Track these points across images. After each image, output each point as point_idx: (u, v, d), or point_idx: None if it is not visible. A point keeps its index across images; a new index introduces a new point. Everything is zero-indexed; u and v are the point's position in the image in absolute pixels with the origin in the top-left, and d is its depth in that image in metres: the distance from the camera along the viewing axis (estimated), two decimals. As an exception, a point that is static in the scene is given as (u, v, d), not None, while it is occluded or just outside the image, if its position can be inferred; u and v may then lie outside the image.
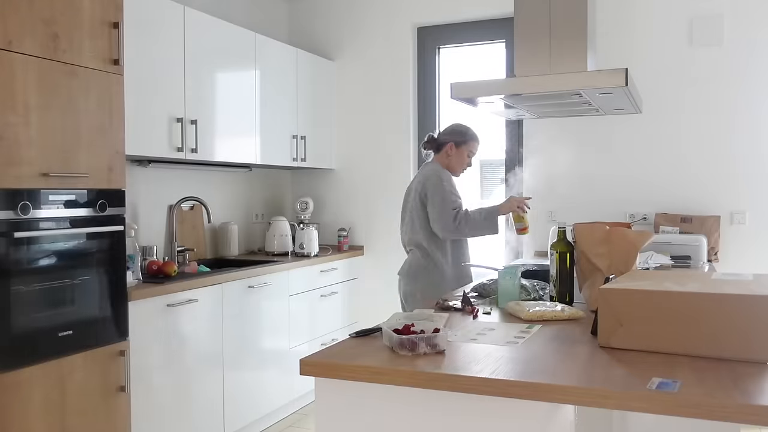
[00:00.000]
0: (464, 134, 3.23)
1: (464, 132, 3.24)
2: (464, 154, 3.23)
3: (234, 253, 4.15)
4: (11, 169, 2.35)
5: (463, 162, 3.25)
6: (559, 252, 2.34)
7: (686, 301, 1.62)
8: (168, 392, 3.04)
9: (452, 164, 3.22)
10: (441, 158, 3.24)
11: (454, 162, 3.22)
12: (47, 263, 2.49)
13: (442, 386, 1.48)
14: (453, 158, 3.21)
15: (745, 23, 3.77)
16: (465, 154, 3.23)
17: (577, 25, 2.78)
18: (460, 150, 3.22)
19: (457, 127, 3.28)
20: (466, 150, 3.23)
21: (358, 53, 4.70)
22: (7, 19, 2.32)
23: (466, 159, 3.25)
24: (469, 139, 3.23)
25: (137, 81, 3.11)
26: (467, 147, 3.23)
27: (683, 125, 3.92)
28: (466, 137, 3.22)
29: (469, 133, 3.25)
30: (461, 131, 3.24)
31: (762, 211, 3.79)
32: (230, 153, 3.80)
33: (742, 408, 1.25)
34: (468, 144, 3.23)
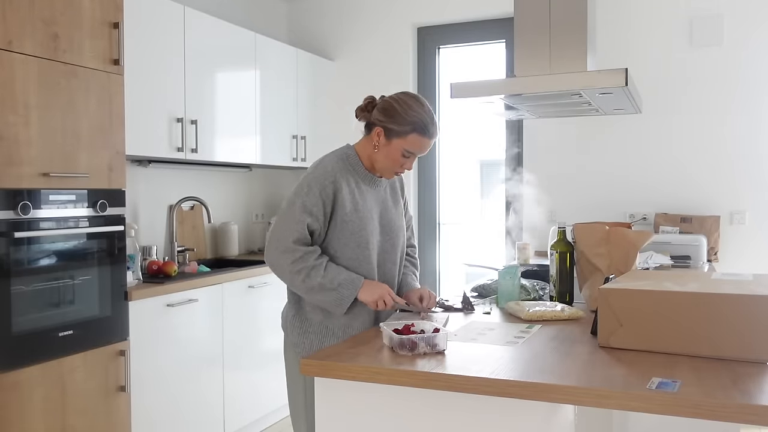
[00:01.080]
0: (403, 121, 1.97)
1: (404, 116, 1.97)
2: (397, 151, 2.00)
3: (234, 253, 4.16)
4: (11, 169, 2.35)
5: (394, 161, 2.02)
6: (559, 252, 2.34)
7: (686, 301, 1.62)
8: (168, 392, 3.04)
9: (377, 161, 2.04)
10: (366, 144, 2.08)
11: (380, 158, 2.03)
12: (47, 263, 2.49)
13: (442, 386, 1.48)
14: (380, 152, 2.02)
15: (745, 23, 3.77)
16: (398, 152, 2.00)
17: (577, 25, 2.78)
18: (391, 144, 1.99)
19: (400, 104, 2.00)
20: (401, 146, 1.99)
21: (358, 53, 4.70)
22: (7, 19, 2.32)
23: (398, 158, 2.01)
24: (410, 131, 1.97)
25: (137, 81, 3.11)
26: (403, 142, 1.98)
27: (683, 125, 3.92)
28: (404, 126, 1.97)
29: (413, 119, 1.97)
30: (401, 114, 1.98)
31: (762, 211, 3.79)
32: (230, 153, 3.80)
33: (742, 408, 1.25)
34: (407, 138, 1.98)
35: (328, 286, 1.92)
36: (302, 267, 1.92)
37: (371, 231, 2.04)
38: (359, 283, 1.96)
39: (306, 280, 1.93)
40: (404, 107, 1.99)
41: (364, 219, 2.02)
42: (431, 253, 4.65)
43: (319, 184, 1.96)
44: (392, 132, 1.99)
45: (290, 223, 1.95)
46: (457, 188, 4.73)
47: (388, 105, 2.01)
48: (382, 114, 2.01)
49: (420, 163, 4.63)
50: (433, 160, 4.62)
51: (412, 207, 4.61)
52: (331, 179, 1.98)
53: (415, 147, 2.00)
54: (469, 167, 4.83)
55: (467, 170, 4.82)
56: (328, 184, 1.97)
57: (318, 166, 2.02)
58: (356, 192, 2.03)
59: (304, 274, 1.92)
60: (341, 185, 1.99)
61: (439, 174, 4.64)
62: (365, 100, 2.08)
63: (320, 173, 1.98)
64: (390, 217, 2.13)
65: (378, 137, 2.01)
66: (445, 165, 4.66)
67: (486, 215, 4.68)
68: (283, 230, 1.95)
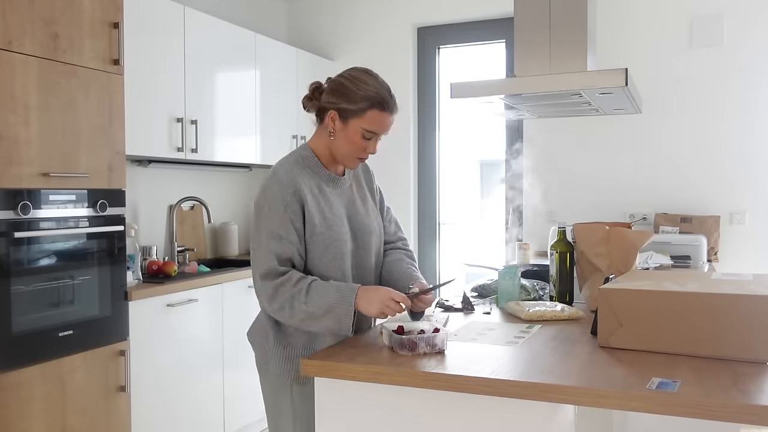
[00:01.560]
0: (357, 97, 1.76)
1: (358, 92, 1.76)
2: (356, 132, 1.79)
3: (234, 253, 4.16)
4: (11, 169, 2.35)
5: (355, 145, 1.81)
6: (559, 252, 2.34)
7: (686, 301, 1.62)
8: (168, 392, 3.04)
9: (336, 148, 1.84)
10: (320, 135, 1.87)
11: (338, 145, 1.82)
12: (47, 263, 2.49)
13: (442, 386, 1.48)
14: (337, 138, 1.81)
15: (745, 23, 3.77)
16: (358, 134, 1.79)
17: (577, 25, 2.78)
18: (348, 126, 1.79)
19: (351, 80, 1.79)
20: (359, 125, 1.78)
21: (358, 53, 4.69)
22: (7, 19, 2.32)
23: (359, 141, 1.79)
24: (367, 108, 1.76)
25: (137, 81, 3.11)
26: (361, 121, 1.77)
27: (683, 125, 3.92)
28: (359, 102, 1.76)
29: (369, 94, 1.76)
30: (353, 90, 1.77)
31: (762, 211, 3.79)
32: (230, 153, 3.80)
33: (742, 408, 1.25)
34: (364, 116, 1.77)
35: (317, 313, 1.68)
36: (281, 302, 1.70)
37: (344, 240, 1.83)
38: (352, 296, 1.69)
39: (292, 313, 1.70)
40: (356, 82, 1.77)
41: (334, 227, 1.81)
42: (431, 253, 4.65)
43: (282, 202, 1.73)
44: (347, 112, 1.77)
45: (258, 255, 1.74)
46: (457, 188, 4.73)
47: (336, 84, 1.80)
48: (332, 95, 1.79)
49: (420, 163, 4.63)
50: (433, 160, 4.62)
51: (412, 207, 4.61)
52: (292, 190, 1.75)
53: (375, 125, 1.78)
54: (469, 167, 4.83)
55: (467, 170, 4.82)
56: (290, 197, 1.74)
57: (272, 180, 1.78)
58: (321, 198, 1.82)
59: (287, 308, 1.70)
60: (305, 194, 1.77)
61: (439, 174, 4.64)
62: (311, 87, 1.85)
63: (277, 189, 1.75)
64: (360, 219, 1.90)
65: (332, 122, 1.80)
66: (445, 165, 4.66)
67: (486, 215, 4.68)
68: (254, 266, 1.75)
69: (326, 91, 1.83)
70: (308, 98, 1.87)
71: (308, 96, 1.87)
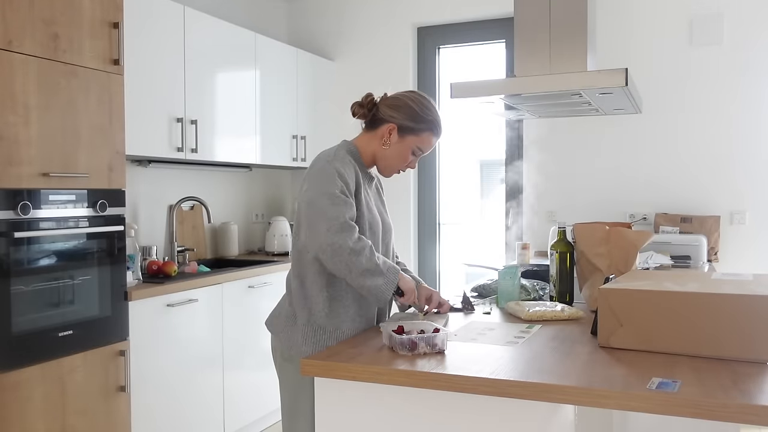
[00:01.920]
0: (420, 119, 1.99)
1: (421, 115, 1.99)
2: (409, 148, 2.01)
3: (234, 253, 4.16)
4: (11, 169, 2.35)
5: (403, 159, 2.03)
6: (559, 252, 2.34)
7: (686, 301, 1.62)
8: (168, 392, 3.04)
9: (385, 157, 2.02)
10: (369, 140, 2.03)
11: (389, 155, 2.01)
12: (47, 263, 2.49)
13: (442, 386, 1.48)
14: (390, 149, 2.00)
15: (745, 23, 3.77)
16: (409, 150, 2.01)
17: (577, 25, 2.78)
18: (404, 141, 2.00)
19: (415, 102, 2.00)
20: (413, 143, 2.00)
21: (358, 53, 4.70)
22: (7, 19, 2.32)
23: (408, 156, 2.02)
24: (426, 129, 2.00)
25: (137, 81, 3.11)
26: (417, 140, 2.00)
27: (683, 125, 3.92)
28: (420, 124, 1.99)
29: (429, 118, 2.00)
30: (417, 112, 1.99)
31: (762, 211, 3.79)
32: (230, 153, 3.80)
33: (742, 408, 1.25)
34: (421, 136, 2.00)
35: (382, 268, 1.84)
36: (363, 245, 1.82)
37: (379, 230, 2.02)
38: (398, 271, 1.89)
39: (368, 258, 1.82)
40: (421, 106, 2.00)
41: (375, 217, 2.00)
42: (431, 253, 4.65)
43: (349, 173, 1.90)
44: (407, 129, 1.98)
45: (337, 201, 1.84)
46: (457, 188, 4.73)
47: (402, 103, 2.00)
48: (396, 111, 1.99)
49: (420, 163, 4.63)
50: (433, 160, 4.61)
51: (412, 207, 4.62)
52: (353, 168, 1.94)
53: (426, 145, 2.02)
54: (469, 167, 4.83)
55: (467, 170, 4.82)
56: (353, 174, 1.93)
57: (336, 155, 1.94)
58: (367, 189, 2.02)
59: (367, 252, 1.82)
60: (360, 180, 1.96)
61: (439, 174, 4.64)
62: (366, 98, 2.04)
63: (344, 162, 1.92)
64: (384, 216, 2.11)
65: (390, 134, 1.99)
66: (445, 165, 4.66)
67: (486, 215, 4.68)
68: (332, 208, 1.82)
69: (388, 106, 2.01)
70: (360, 105, 2.04)
71: (360, 103, 2.04)
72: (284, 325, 1.98)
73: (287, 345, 1.95)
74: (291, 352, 1.94)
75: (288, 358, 1.95)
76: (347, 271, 1.83)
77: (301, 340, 1.93)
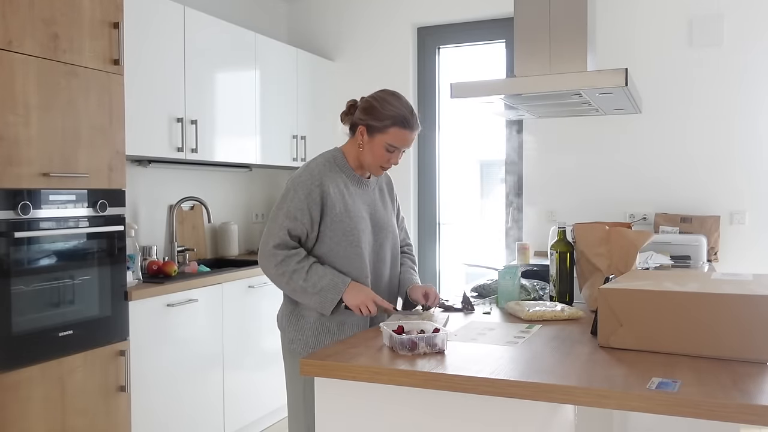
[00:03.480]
0: (382, 116, 2.03)
1: (383, 111, 2.04)
2: (380, 146, 2.05)
3: (234, 253, 4.16)
4: (11, 169, 2.35)
5: (379, 157, 2.07)
6: (559, 252, 2.34)
7: (686, 301, 1.62)
8: (168, 392, 3.04)
9: (363, 158, 2.11)
10: (352, 145, 2.14)
11: (365, 156, 2.09)
12: (47, 263, 2.49)
13: (441, 386, 1.48)
14: (365, 150, 2.08)
15: (745, 23, 3.77)
16: (382, 147, 2.05)
17: (577, 25, 2.78)
18: (373, 140, 2.06)
19: (378, 101, 2.07)
20: (383, 141, 2.05)
21: (358, 53, 4.70)
22: (8, 19, 2.32)
23: (383, 153, 2.06)
24: (390, 125, 2.03)
25: (137, 81, 3.11)
26: (385, 137, 2.04)
27: (683, 125, 3.92)
28: (384, 120, 2.03)
29: (390, 113, 2.04)
30: (379, 110, 2.04)
31: (762, 211, 3.79)
32: (230, 153, 3.80)
33: (742, 408, 1.25)
34: (387, 132, 2.03)
35: (310, 290, 1.97)
36: (284, 270, 1.98)
37: (362, 229, 2.08)
38: (343, 286, 1.98)
39: (289, 282, 1.99)
40: (382, 103, 2.06)
41: (355, 218, 2.07)
42: (431, 253, 4.65)
43: (305, 189, 2.01)
44: (373, 128, 2.06)
45: (273, 228, 2.02)
46: (457, 188, 4.73)
47: (367, 104, 2.09)
48: (363, 113, 2.08)
49: (420, 163, 4.64)
50: (433, 160, 4.62)
51: (412, 207, 4.61)
52: (317, 182, 2.02)
53: (396, 140, 2.06)
54: (469, 167, 4.83)
55: (467, 170, 4.82)
56: (314, 188, 2.02)
57: (304, 170, 2.07)
58: (345, 193, 2.08)
59: (286, 277, 1.99)
60: (328, 188, 2.04)
61: (439, 174, 4.64)
62: (348, 104, 2.15)
63: (306, 178, 2.03)
64: (379, 216, 2.16)
65: (362, 135, 2.08)
66: (445, 165, 4.66)
67: (486, 215, 4.68)
68: (268, 235, 2.02)
69: (359, 109, 2.11)
70: (345, 113, 2.15)
71: (345, 112, 2.15)
72: (288, 321, 2.11)
73: (288, 338, 2.10)
74: (293, 346, 2.08)
75: (288, 350, 2.10)
76: (281, 290, 2.07)
77: (289, 329, 2.09)
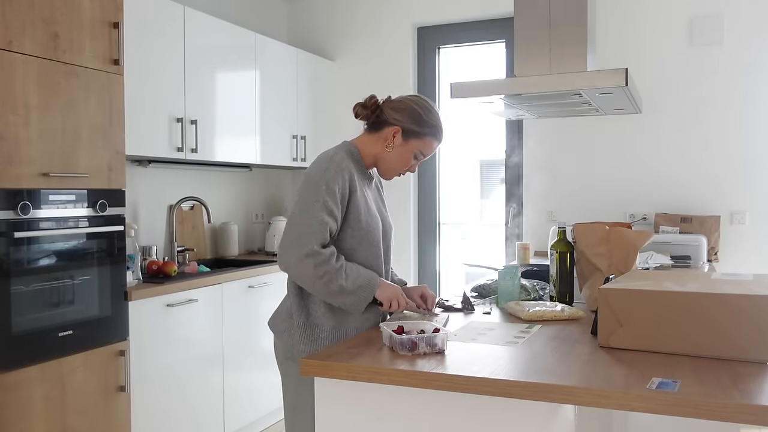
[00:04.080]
0: (424, 123, 2.00)
1: (426, 119, 2.00)
2: (412, 151, 2.02)
3: (234, 253, 4.16)
4: (11, 169, 2.35)
5: (405, 162, 2.04)
6: (559, 252, 2.34)
7: (686, 301, 1.62)
8: (168, 392, 3.04)
9: (388, 160, 2.03)
10: (372, 142, 2.03)
11: (392, 158, 2.02)
12: (47, 263, 2.49)
13: (441, 386, 1.48)
14: (393, 152, 2.01)
15: (745, 23, 3.77)
16: (412, 153, 2.02)
17: (577, 25, 2.78)
18: (407, 144, 2.00)
19: (420, 107, 2.01)
20: (416, 147, 2.01)
21: (358, 53, 4.70)
22: (7, 19, 2.32)
23: (410, 159, 2.03)
24: (429, 134, 2.01)
25: (137, 81, 3.11)
26: (420, 144, 2.01)
27: (683, 125, 3.92)
28: (425, 128, 2.00)
29: (433, 123, 2.01)
30: (422, 116, 2.00)
31: (762, 211, 3.79)
32: (230, 153, 3.80)
33: (742, 408, 1.25)
34: (424, 140, 2.01)
35: (348, 289, 1.86)
36: (325, 271, 1.84)
37: (379, 230, 2.01)
38: (376, 283, 1.91)
39: (328, 284, 1.85)
40: (425, 111, 2.01)
41: (375, 218, 2.00)
42: (431, 253, 4.65)
43: (339, 181, 1.89)
44: (411, 133, 1.99)
45: (313, 224, 1.85)
46: (457, 188, 4.73)
47: (407, 106, 2.00)
48: (401, 114, 1.99)
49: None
50: (433, 160, 4.61)
51: (412, 207, 4.61)
52: (348, 176, 1.92)
53: (428, 150, 2.04)
54: (469, 167, 4.82)
55: (467, 170, 4.82)
56: (344, 182, 1.90)
57: (331, 161, 1.92)
58: (365, 190, 2.01)
59: (326, 278, 1.85)
60: (354, 183, 1.94)
61: (439, 174, 4.64)
62: (370, 99, 2.04)
63: (336, 170, 1.90)
64: (385, 216, 2.11)
65: (393, 137, 1.99)
66: (445, 165, 4.66)
67: (486, 215, 4.68)
68: (306, 233, 1.85)
69: (393, 108, 2.00)
70: (363, 106, 2.04)
71: (363, 104, 2.04)
72: (285, 325, 2.00)
73: (288, 344, 1.98)
74: (292, 351, 1.96)
75: (289, 357, 1.97)
76: (311, 290, 1.91)
77: (301, 340, 1.95)
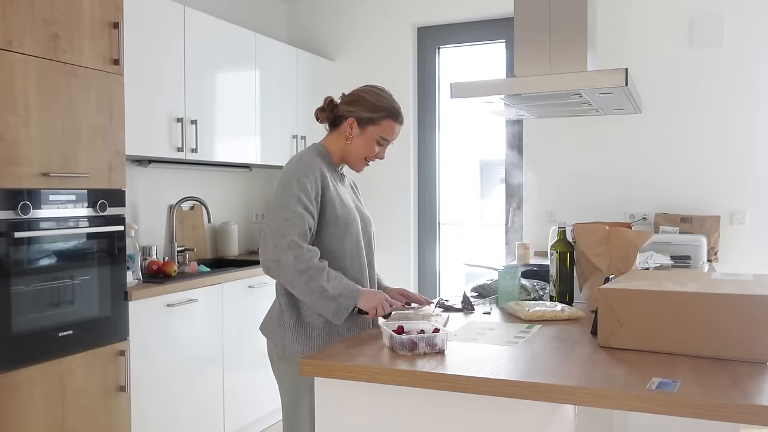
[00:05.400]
0: (376, 107, 2.03)
1: (377, 103, 2.04)
2: (372, 138, 2.04)
3: (234, 253, 4.16)
4: (11, 169, 2.35)
5: (368, 150, 2.06)
6: (559, 252, 2.34)
7: (686, 301, 1.62)
8: (168, 392, 3.04)
9: (351, 151, 2.06)
10: (335, 139, 2.08)
11: (354, 148, 2.05)
12: (47, 263, 2.49)
13: (441, 386, 1.48)
14: (354, 142, 2.04)
15: (745, 23, 3.77)
16: (373, 139, 2.05)
17: (577, 25, 2.78)
18: (365, 132, 2.04)
19: (369, 94, 2.06)
20: (375, 133, 2.04)
21: (358, 53, 4.70)
22: (8, 19, 2.32)
23: (373, 147, 2.06)
24: (384, 117, 2.04)
25: (137, 81, 3.11)
26: (378, 129, 2.04)
27: (683, 125, 3.92)
28: (378, 113, 2.03)
29: (385, 105, 2.04)
30: (373, 102, 2.04)
31: (762, 211, 3.79)
32: (230, 153, 3.80)
33: (742, 408, 1.25)
34: (380, 124, 2.04)
35: (330, 293, 1.83)
36: (307, 267, 1.81)
37: (357, 222, 2.03)
38: (358, 294, 1.88)
39: (309, 282, 1.82)
40: (374, 96, 2.05)
41: (351, 210, 2.02)
42: (431, 253, 4.65)
43: (311, 178, 1.91)
44: (366, 120, 2.03)
45: (290, 217, 1.84)
46: (457, 188, 4.73)
47: (356, 96, 2.06)
48: (352, 105, 2.05)
49: (420, 163, 4.63)
50: (433, 160, 4.62)
51: (412, 207, 4.61)
52: (319, 173, 1.94)
53: (388, 132, 2.05)
54: (469, 167, 4.83)
55: (467, 170, 4.82)
56: (317, 178, 1.93)
57: (300, 161, 1.95)
58: (337, 186, 2.04)
59: (307, 275, 1.81)
60: (327, 181, 1.96)
61: (439, 174, 4.64)
62: (325, 101, 2.10)
63: (306, 168, 1.92)
64: (362, 210, 2.13)
65: (351, 128, 2.04)
66: (445, 165, 4.66)
67: (486, 215, 4.68)
68: (283, 225, 1.83)
69: (345, 102, 2.07)
70: (322, 110, 2.09)
71: (322, 108, 2.10)
72: (276, 327, 2.00)
73: (280, 345, 1.98)
74: (285, 351, 1.97)
75: (283, 357, 1.98)
76: (291, 288, 1.87)
77: (293, 339, 1.96)
